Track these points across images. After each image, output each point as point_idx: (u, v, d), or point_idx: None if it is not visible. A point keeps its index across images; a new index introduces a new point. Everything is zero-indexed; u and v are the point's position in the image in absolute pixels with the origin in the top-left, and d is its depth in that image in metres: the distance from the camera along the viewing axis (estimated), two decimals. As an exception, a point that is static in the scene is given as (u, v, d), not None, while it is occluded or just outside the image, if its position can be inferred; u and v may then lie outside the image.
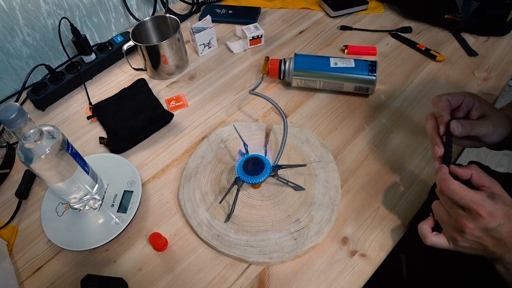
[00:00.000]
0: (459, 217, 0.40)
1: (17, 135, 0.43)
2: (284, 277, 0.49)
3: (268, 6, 0.97)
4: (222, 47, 0.86)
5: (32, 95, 0.74)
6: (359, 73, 0.67)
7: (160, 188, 0.60)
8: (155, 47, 0.73)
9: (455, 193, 0.40)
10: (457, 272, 0.59)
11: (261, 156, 0.54)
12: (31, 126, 0.43)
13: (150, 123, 0.67)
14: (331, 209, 0.53)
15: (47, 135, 0.45)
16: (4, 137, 0.70)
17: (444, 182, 0.41)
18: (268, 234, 0.52)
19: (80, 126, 0.71)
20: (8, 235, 0.56)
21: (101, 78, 0.81)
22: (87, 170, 0.52)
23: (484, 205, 0.39)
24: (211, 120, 0.70)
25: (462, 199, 0.40)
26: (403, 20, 0.88)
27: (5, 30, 0.72)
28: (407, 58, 0.78)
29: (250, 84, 0.76)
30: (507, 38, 0.80)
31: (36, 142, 0.44)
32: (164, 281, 0.50)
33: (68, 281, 0.51)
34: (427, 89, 0.71)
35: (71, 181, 0.50)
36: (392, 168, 0.59)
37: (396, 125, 0.65)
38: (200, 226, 0.53)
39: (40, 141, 0.44)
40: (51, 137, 0.45)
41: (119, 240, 0.54)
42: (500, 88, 0.70)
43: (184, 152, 0.65)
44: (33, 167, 0.45)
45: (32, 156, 0.44)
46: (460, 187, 0.40)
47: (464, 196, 0.40)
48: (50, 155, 0.45)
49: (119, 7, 0.89)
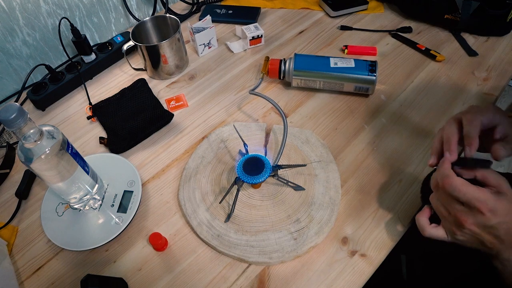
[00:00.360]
0: (458, 213, 0.40)
1: (17, 135, 0.43)
2: (284, 277, 0.49)
3: (268, 6, 0.97)
4: (222, 47, 0.86)
5: (32, 95, 0.74)
6: (359, 73, 0.67)
7: (160, 188, 0.60)
8: (155, 47, 0.73)
9: (457, 190, 0.40)
10: (457, 272, 0.59)
11: (261, 156, 0.54)
12: (31, 126, 0.43)
13: (150, 123, 0.67)
14: (331, 209, 0.53)
15: (47, 135, 0.45)
16: (4, 137, 0.70)
17: (446, 179, 0.41)
18: (268, 234, 0.52)
19: (80, 126, 0.71)
20: (8, 235, 0.56)
21: (101, 78, 0.81)
22: (87, 170, 0.52)
23: (486, 202, 0.38)
24: (211, 120, 0.70)
25: (465, 196, 0.39)
26: (403, 20, 0.88)
27: (5, 30, 0.72)
28: (407, 58, 0.78)
29: (250, 84, 0.76)
30: (507, 38, 0.80)
31: (36, 142, 0.44)
32: (164, 281, 0.50)
33: (68, 281, 0.51)
34: (427, 89, 0.71)
35: (71, 181, 0.50)
36: (392, 168, 0.59)
37: (396, 125, 0.65)
38: (200, 226, 0.53)
39: (40, 141, 0.44)
40: (51, 137, 0.45)
41: (119, 240, 0.54)
42: (500, 88, 0.70)
43: (184, 152, 0.65)
44: (33, 167, 0.45)
45: (32, 156, 0.44)
46: (463, 183, 0.40)
47: (467, 193, 0.39)
48: (50, 155, 0.45)
49: (119, 7, 0.89)
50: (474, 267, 0.54)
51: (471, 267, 0.55)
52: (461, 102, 0.68)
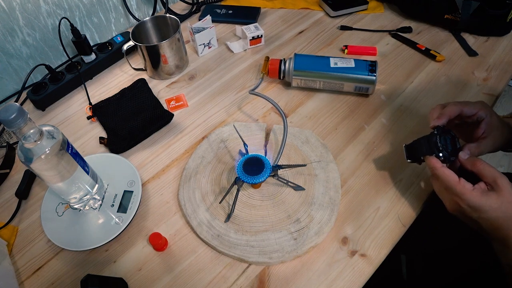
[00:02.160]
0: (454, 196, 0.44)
1: (17, 135, 0.43)
2: (284, 277, 0.49)
3: (268, 6, 0.97)
4: (222, 47, 0.86)
5: (32, 95, 0.74)
6: (359, 73, 0.67)
7: (160, 188, 0.60)
8: (155, 47, 0.73)
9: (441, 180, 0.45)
10: (457, 272, 0.59)
11: (261, 156, 0.54)
12: (31, 126, 0.43)
13: (150, 123, 0.67)
14: (331, 209, 0.53)
15: (47, 135, 0.45)
16: (4, 137, 0.70)
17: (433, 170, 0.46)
18: (268, 234, 0.52)
19: (80, 126, 0.71)
20: (8, 235, 0.56)
21: (101, 78, 0.81)
22: (87, 170, 0.52)
23: (463, 198, 0.42)
24: (211, 120, 0.70)
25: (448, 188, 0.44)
26: (403, 20, 0.88)
27: (5, 30, 0.72)
28: (407, 58, 0.78)
29: (250, 84, 0.76)
30: (507, 38, 0.80)
31: (36, 142, 0.44)
32: (164, 281, 0.50)
33: (68, 281, 0.51)
34: (427, 89, 0.71)
35: (71, 181, 0.50)
36: (392, 168, 0.59)
37: (396, 125, 0.65)
38: (200, 226, 0.53)
39: (40, 141, 0.44)
40: (51, 137, 0.45)
41: (119, 240, 0.54)
42: (500, 88, 0.70)
43: (184, 152, 0.65)
44: (33, 167, 0.45)
45: (32, 156, 0.44)
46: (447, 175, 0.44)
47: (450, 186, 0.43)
48: (50, 155, 0.45)
49: (119, 7, 0.89)
50: (474, 267, 0.54)
51: (471, 267, 0.55)
52: (461, 102, 0.68)
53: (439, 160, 0.46)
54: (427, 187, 0.56)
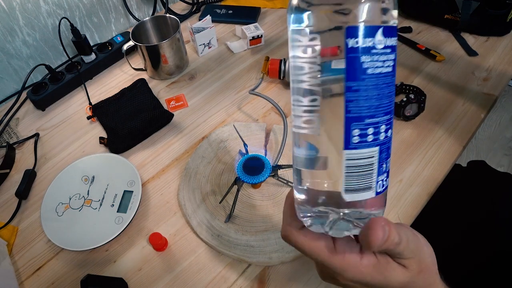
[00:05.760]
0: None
1: None
2: (284, 277, 0.49)
3: (268, 6, 0.97)
4: (222, 47, 0.86)
5: (32, 95, 0.74)
6: (359, 73, 0.67)
7: (160, 188, 0.60)
8: (155, 47, 0.73)
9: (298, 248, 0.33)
10: (457, 272, 0.59)
11: (261, 156, 0.54)
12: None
13: (150, 123, 0.67)
14: (331, 209, 0.53)
15: None
16: (4, 137, 0.70)
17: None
18: (268, 234, 0.52)
19: (80, 126, 0.71)
20: (8, 235, 0.56)
21: (101, 78, 0.81)
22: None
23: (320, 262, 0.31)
24: (211, 120, 0.70)
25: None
26: (403, 20, 0.88)
27: (5, 30, 0.72)
28: (407, 58, 0.78)
29: (250, 84, 0.76)
30: (507, 38, 0.80)
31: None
32: (164, 281, 0.50)
33: (68, 281, 0.51)
34: (427, 89, 0.71)
35: None
36: (392, 168, 0.59)
37: (396, 125, 0.65)
38: (200, 226, 0.53)
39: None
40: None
41: (119, 240, 0.54)
42: (500, 88, 0.70)
43: (184, 152, 0.65)
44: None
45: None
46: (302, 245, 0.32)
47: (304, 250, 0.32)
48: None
49: (119, 7, 0.89)
50: (474, 268, 0.54)
51: (471, 267, 0.55)
52: (461, 102, 0.68)
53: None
54: (427, 187, 0.56)
